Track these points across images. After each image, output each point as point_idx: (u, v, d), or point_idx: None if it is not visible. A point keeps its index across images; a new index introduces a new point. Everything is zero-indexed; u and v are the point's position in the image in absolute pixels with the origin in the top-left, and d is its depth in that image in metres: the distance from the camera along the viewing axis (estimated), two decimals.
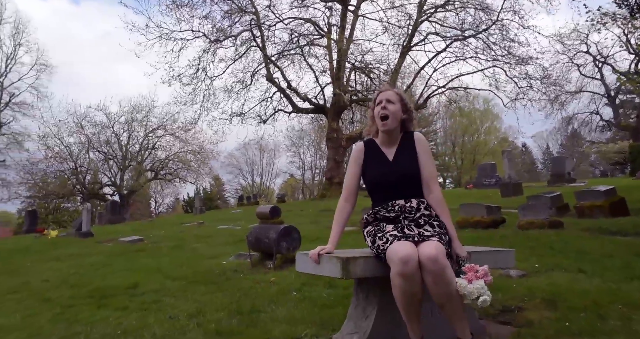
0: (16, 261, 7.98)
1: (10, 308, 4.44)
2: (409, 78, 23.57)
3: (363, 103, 23.15)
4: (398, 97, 2.64)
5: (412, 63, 23.30)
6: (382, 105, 2.60)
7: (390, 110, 2.58)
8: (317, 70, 22.21)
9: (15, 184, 29.77)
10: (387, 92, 2.66)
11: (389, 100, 2.60)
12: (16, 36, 31.75)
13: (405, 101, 2.67)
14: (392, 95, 2.63)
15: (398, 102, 2.62)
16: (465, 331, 2.32)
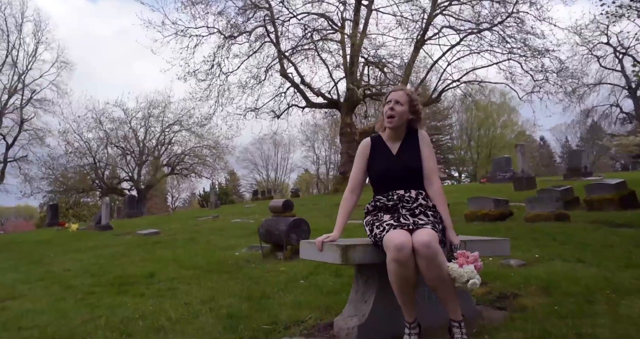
0: (40, 252, 8.32)
1: (38, 294, 4.72)
2: (423, 72, 23.50)
3: (377, 98, 23.18)
4: (407, 98, 2.79)
5: (426, 58, 23.22)
6: (391, 106, 2.76)
7: (397, 111, 2.75)
8: (331, 65, 22.31)
9: (37, 179, 30.61)
10: (398, 92, 2.83)
11: (398, 101, 2.76)
12: (37, 34, 32.51)
13: (414, 103, 2.82)
14: (401, 96, 2.78)
15: (407, 104, 2.78)
16: (457, 312, 2.49)
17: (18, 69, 31.93)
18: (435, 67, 23.09)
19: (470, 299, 3.07)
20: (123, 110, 31.71)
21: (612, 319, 2.49)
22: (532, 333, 2.45)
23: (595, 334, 2.32)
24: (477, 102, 44.45)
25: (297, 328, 2.99)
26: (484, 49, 21.70)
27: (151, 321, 3.40)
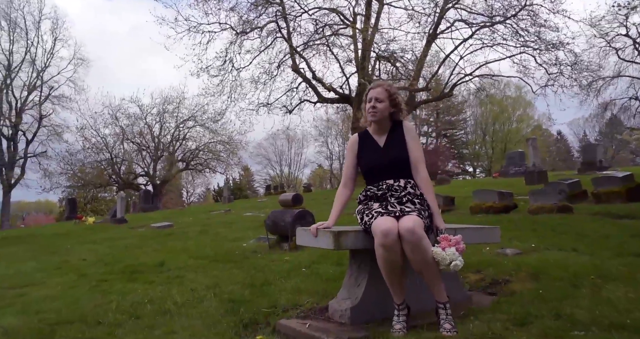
0: (58, 243, 8.63)
1: (54, 282, 4.96)
2: (435, 67, 23.42)
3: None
4: (387, 93, 2.91)
5: (438, 52, 23.13)
6: (372, 104, 2.89)
7: (378, 108, 2.88)
8: (342, 60, 22.34)
9: (56, 174, 31.33)
10: (377, 89, 2.95)
11: (377, 99, 2.89)
12: (54, 31, 33.17)
13: (393, 96, 2.94)
14: (380, 93, 2.91)
15: (386, 99, 2.90)
16: (442, 294, 2.62)
17: (37, 66, 32.73)
18: (448, 61, 23.03)
19: (461, 284, 3.20)
20: (138, 106, 32.29)
21: (592, 302, 2.59)
22: (514, 314, 2.56)
23: (573, 314, 2.43)
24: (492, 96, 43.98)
25: (295, 311, 3.15)
26: (497, 43, 21.52)
27: (159, 305, 3.60)
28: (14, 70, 32.17)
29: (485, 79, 23.67)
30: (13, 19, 31.88)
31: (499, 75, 23.67)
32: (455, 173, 46.67)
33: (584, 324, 2.32)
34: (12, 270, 5.91)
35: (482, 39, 21.74)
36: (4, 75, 31.79)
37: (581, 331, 2.25)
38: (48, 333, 3.20)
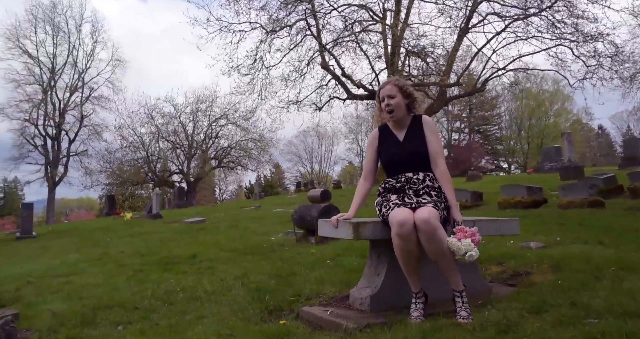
0: (98, 237, 9.06)
1: (95, 271, 5.27)
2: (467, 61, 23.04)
3: (418, 89, 22.98)
4: (396, 88, 3.00)
5: (469, 46, 22.73)
6: (386, 103, 2.98)
7: (393, 104, 2.96)
8: (372, 56, 22.29)
9: (96, 172, 32.55)
10: (386, 87, 3.03)
11: (390, 96, 2.98)
12: (94, 34, 34.46)
13: (404, 89, 3.02)
14: (390, 90, 2.99)
15: (398, 93, 2.98)
16: (459, 283, 2.69)
17: (78, 68, 34.10)
18: (480, 56, 22.61)
19: (480, 276, 3.26)
20: (173, 105, 33.11)
21: (610, 292, 2.61)
22: (531, 303, 2.62)
23: (589, 303, 2.46)
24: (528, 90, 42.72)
25: (317, 299, 3.29)
26: (531, 35, 20.97)
27: (190, 292, 3.80)
28: (57, 73, 33.63)
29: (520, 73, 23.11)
30: (56, 23, 33.35)
31: (534, 68, 23.06)
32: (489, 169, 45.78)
33: (599, 312, 2.35)
34: (58, 260, 6.29)
35: (515, 32, 21.22)
36: (49, 78, 33.25)
37: (595, 318, 2.29)
38: (90, 316, 3.45)
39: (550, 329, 2.24)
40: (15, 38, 32.11)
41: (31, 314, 3.70)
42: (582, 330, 2.17)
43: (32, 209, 11.48)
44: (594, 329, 2.15)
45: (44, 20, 32.99)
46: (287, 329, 2.70)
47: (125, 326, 3.17)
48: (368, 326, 2.65)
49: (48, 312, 3.64)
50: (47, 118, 32.97)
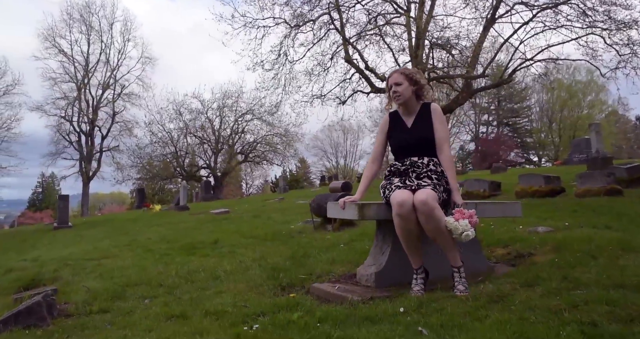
0: (128, 227, 9.52)
1: (125, 255, 5.63)
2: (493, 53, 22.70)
3: (444, 81, 22.85)
4: (403, 76, 3.18)
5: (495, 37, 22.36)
6: (393, 89, 3.16)
7: (399, 90, 3.14)
8: (395, 48, 22.22)
9: (127, 167, 33.57)
10: (393, 75, 3.23)
11: (396, 83, 3.16)
12: (125, 33, 35.44)
13: (411, 76, 3.19)
14: (397, 78, 3.18)
15: (405, 81, 3.16)
16: (457, 259, 2.87)
17: (110, 66, 35.13)
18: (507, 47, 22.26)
19: (483, 256, 3.41)
20: (200, 101, 33.71)
21: (603, 268, 2.74)
22: (525, 278, 2.77)
23: (579, 278, 2.60)
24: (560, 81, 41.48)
25: (327, 277, 3.51)
26: (560, 25, 20.50)
27: (211, 272, 4.08)
28: (90, 71, 34.73)
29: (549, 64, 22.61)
30: (90, 23, 34.42)
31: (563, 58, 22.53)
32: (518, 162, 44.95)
33: (587, 285, 2.49)
34: (92, 246, 6.71)
35: (544, 22, 20.80)
36: (82, 76, 34.40)
37: (583, 290, 2.43)
38: (120, 292, 3.77)
39: (538, 299, 2.40)
40: (52, 38, 33.35)
41: (68, 291, 4.04)
42: (567, 299, 2.32)
43: (67, 200, 12.09)
44: (578, 298, 2.30)
45: (78, 19, 34.14)
46: (297, 301, 2.92)
47: (151, 300, 3.46)
48: (371, 299, 2.85)
49: (83, 288, 3.97)
50: (81, 115, 34.16)
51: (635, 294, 2.25)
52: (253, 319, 2.65)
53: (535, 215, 4.94)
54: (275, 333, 2.37)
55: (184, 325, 2.70)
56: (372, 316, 2.49)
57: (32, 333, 2.94)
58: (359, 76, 22.47)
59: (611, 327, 1.96)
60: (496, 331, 2.06)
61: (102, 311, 3.32)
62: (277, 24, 21.17)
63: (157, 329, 2.68)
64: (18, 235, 11.00)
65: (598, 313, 2.12)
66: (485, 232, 4.21)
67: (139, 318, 2.98)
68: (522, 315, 2.21)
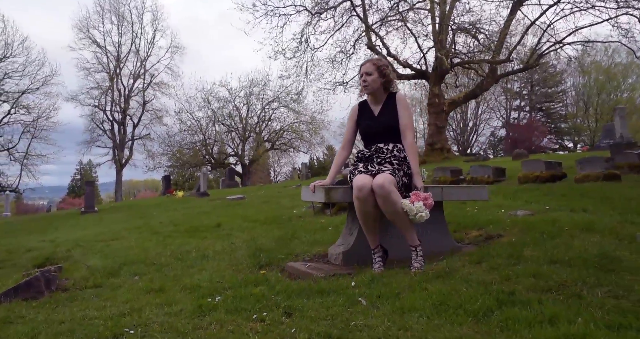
0: (148, 211, 9.97)
1: (132, 237, 5.98)
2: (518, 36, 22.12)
3: (469, 66, 22.49)
4: (374, 67, 3.31)
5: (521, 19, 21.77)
6: (363, 78, 3.30)
7: (368, 80, 3.28)
8: (419, 34, 21.99)
9: (158, 155, 34.62)
10: (366, 64, 3.35)
11: (367, 73, 3.30)
12: (154, 23, 36.26)
13: (381, 68, 3.32)
14: (369, 67, 3.31)
15: (375, 72, 3.29)
16: (414, 239, 3.02)
17: (140, 56, 36.08)
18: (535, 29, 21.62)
19: (450, 237, 3.54)
20: (227, 89, 34.26)
21: (553, 246, 2.84)
22: (476, 256, 2.90)
23: (524, 255, 2.71)
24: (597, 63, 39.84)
25: (303, 256, 3.70)
26: (592, 5, 19.78)
27: (201, 252, 4.34)
28: (122, 61, 35.77)
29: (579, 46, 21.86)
30: (121, 13, 35.36)
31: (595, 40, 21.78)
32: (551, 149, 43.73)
33: (530, 261, 2.62)
34: (106, 228, 7.13)
35: (574, 2, 20.11)
36: (114, 66, 35.48)
37: (521, 266, 2.55)
38: (116, 269, 4.08)
39: (478, 273, 2.54)
40: (86, 29, 34.51)
41: (72, 268, 4.39)
42: (503, 273, 2.47)
43: (93, 186, 12.75)
44: (512, 272, 2.45)
45: (110, 10, 35.14)
46: (265, 278, 3.13)
47: (141, 277, 3.74)
48: (334, 275, 3.03)
49: (84, 266, 4.31)
50: (113, 104, 35.32)
51: (564, 269, 2.37)
52: (220, 293, 2.87)
53: (523, 199, 4.98)
54: (233, 303, 2.59)
55: (158, 297, 2.95)
56: (324, 290, 2.67)
57: (28, 304, 3.26)
58: None
59: (525, 296, 2.10)
60: (422, 300, 2.22)
61: (96, 286, 3.62)
62: (298, 12, 21.31)
63: (133, 300, 2.94)
64: (48, 219, 11.69)
65: (523, 284, 2.26)
66: (466, 216, 4.31)
67: (123, 291, 3.26)
68: (456, 287, 2.36)
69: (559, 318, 1.84)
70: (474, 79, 24.07)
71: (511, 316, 1.93)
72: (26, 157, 32.12)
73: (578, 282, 2.21)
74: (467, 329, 1.90)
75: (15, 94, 31.34)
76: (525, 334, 1.77)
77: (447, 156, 20.80)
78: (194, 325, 2.32)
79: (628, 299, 1.99)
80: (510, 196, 5.24)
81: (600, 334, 1.64)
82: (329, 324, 2.14)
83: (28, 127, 31.85)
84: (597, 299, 2.01)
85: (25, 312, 2.99)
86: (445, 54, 20.54)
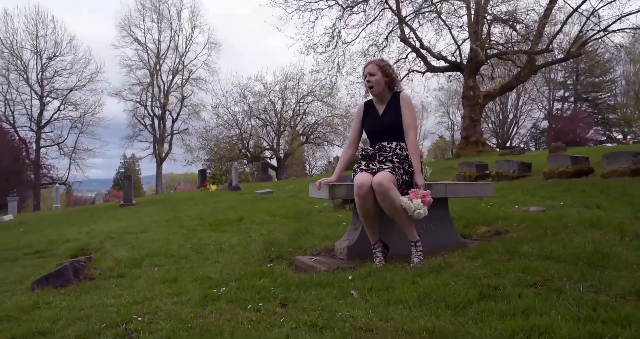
0: (180, 205, 10.36)
1: (160, 230, 6.27)
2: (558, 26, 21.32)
3: (505, 58, 21.91)
4: (377, 67, 3.38)
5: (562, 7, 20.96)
6: (367, 79, 3.38)
7: (372, 81, 3.36)
8: (453, 26, 21.58)
9: (196, 149, 35.58)
10: (369, 66, 3.43)
11: (370, 73, 3.37)
12: (192, 19, 37.16)
13: (384, 68, 3.39)
14: (372, 68, 3.38)
15: (378, 72, 3.36)
16: (413, 235, 3.09)
17: (179, 52, 37.10)
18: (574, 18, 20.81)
19: (456, 233, 3.58)
20: (263, 84, 34.74)
21: (551, 242, 2.85)
22: (475, 252, 2.95)
23: (521, 251, 2.75)
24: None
25: (312, 250, 3.83)
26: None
27: (218, 245, 4.54)
28: (161, 57, 36.89)
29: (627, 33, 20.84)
30: (161, 11, 36.47)
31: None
32: (598, 141, 41.95)
33: (522, 256, 2.66)
34: (137, 221, 7.49)
35: None
36: (154, 62, 36.62)
37: (515, 261, 2.60)
38: (139, 260, 4.32)
39: (471, 268, 2.61)
40: (128, 27, 35.84)
41: (101, 259, 4.68)
42: (494, 267, 2.53)
43: (131, 180, 13.33)
44: (502, 267, 2.50)
45: (151, 9, 36.27)
46: (271, 270, 3.29)
47: (160, 268, 3.97)
48: (337, 269, 3.15)
49: (111, 257, 4.60)
50: (153, 100, 36.55)
51: (554, 265, 2.40)
52: (226, 284, 3.04)
53: (541, 195, 4.92)
54: (235, 294, 2.75)
55: (170, 287, 3.15)
56: (322, 282, 2.80)
57: (57, 291, 3.54)
58: (414, 55, 22.15)
59: (508, 290, 2.16)
60: (408, 293, 2.31)
61: (119, 276, 3.87)
62: (330, 6, 21.35)
63: (147, 290, 3.16)
64: (90, 211, 12.31)
65: (510, 279, 2.31)
66: (477, 212, 4.32)
67: (141, 281, 3.49)
68: (446, 281, 2.44)
69: (533, 311, 1.90)
70: (511, 70, 23.45)
71: (487, 308, 2.00)
72: (74, 151, 33.87)
73: (563, 277, 2.24)
74: (444, 321, 1.99)
75: (64, 91, 33.10)
76: (495, 325, 1.84)
77: (482, 149, 20.41)
78: (196, 314, 2.49)
79: (607, 294, 2.01)
80: (530, 192, 5.17)
81: (564, 326, 1.70)
82: (317, 315, 2.26)
83: (76, 122, 33.61)
84: (577, 293, 2.05)
85: (52, 299, 3.25)
86: (480, 45, 20.11)
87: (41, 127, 32.66)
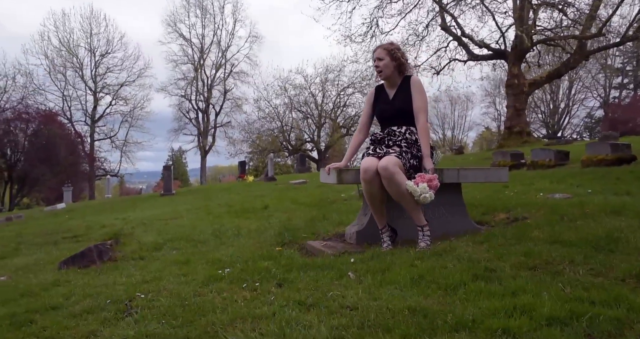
0: (216, 195, 10.59)
1: (190, 217, 6.45)
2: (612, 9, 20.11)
3: (555, 44, 20.93)
4: (385, 52, 3.33)
5: None
6: (375, 64, 3.33)
7: (381, 65, 3.31)
8: (497, 12, 20.79)
9: (238, 141, 36.27)
10: (377, 50, 3.39)
11: (379, 58, 3.33)
12: (235, 13, 37.74)
13: (393, 52, 3.33)
14: (380, 53, 3.33)
15: (386, 56, 3.31)
16: (420, 219, 3.03)
17: (221, 47, 37.81)
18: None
19: (469, 219, 3.48)
20: (303, 76, 34.85)
21: (563, 227, 2.73)
22: (482, 237, 2.86)
23: (530, 235, 2.64)
24: None
25: (323, 235, 3.83)
26: None
27: (237, 230, 4.62)
28: (205, 52, 37.72)
29: None
30: (204, 6, 37.24)
31: None
32: None
33: (531, 241, 2.55)
34: (171, 209, 7.73)
35: None
36: (198, 57, 37.51)
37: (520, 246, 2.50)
38: (161, 245, 4.47)
39: (474, 252, 2.53)
40: (173, 23, 36.84)
41: (127, 242, 4.87)
42: (497, 252, 2.45)
43: (171, 171, 13.74)
44: (506, 251, 2.42)
45: (195, 4, 37.09)
46: (280, 253, 3.31)
47: (178, 251, 4.09)
48: (345, 253, 3.14)
49: (136, 241, 4.77)
50: (198, 94, 37.47)
51: (559, 249, 2.30)
52: (232, 266, 3.09)
53: (569, 182, 4.68)
54: (239, 275, 2.79)
55: (181, 269, 3.24)
56: (324, 265, 2.79)
57: (81, 270, 3.72)
58: (455, 44, 21.55)
59: (506, 272, 2.08)
60: (402, 274, 2.28)
61: (140, 258, 4.02)
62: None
63: (160, 270, 3.26)
64: (133, 200, 12.82)
65: (510, 262, 2.23)
66: (498, 199, 4.18)
67: (157, 263, 3.61)
68: (445, 264, 2.38)
69: (523, 292, 1.83)
70: (561, 57, 22.39)
71: (477, 289, 1.94)
72: (125, 144, 35.38)
73: (565, 260, 2.13)
74: (431, 301, 1.94)
75: (115, 87, 34.59)
76: (480, 304, 1.78)
77: (527, 140, 19.66)
78: (195, 292, 2.55)
79: (606, 277, 1.91)
80: (559, 180, 4.92)
81: (547, 305, 1.63)
82: (309, 294, 2.26)
83: (126, 116, 35.08)
84: (574, 276, 1.95)
85: (72, 277, 3.42)
86: (525, 31, 19.29)
87: (95, 121, 34.28)
